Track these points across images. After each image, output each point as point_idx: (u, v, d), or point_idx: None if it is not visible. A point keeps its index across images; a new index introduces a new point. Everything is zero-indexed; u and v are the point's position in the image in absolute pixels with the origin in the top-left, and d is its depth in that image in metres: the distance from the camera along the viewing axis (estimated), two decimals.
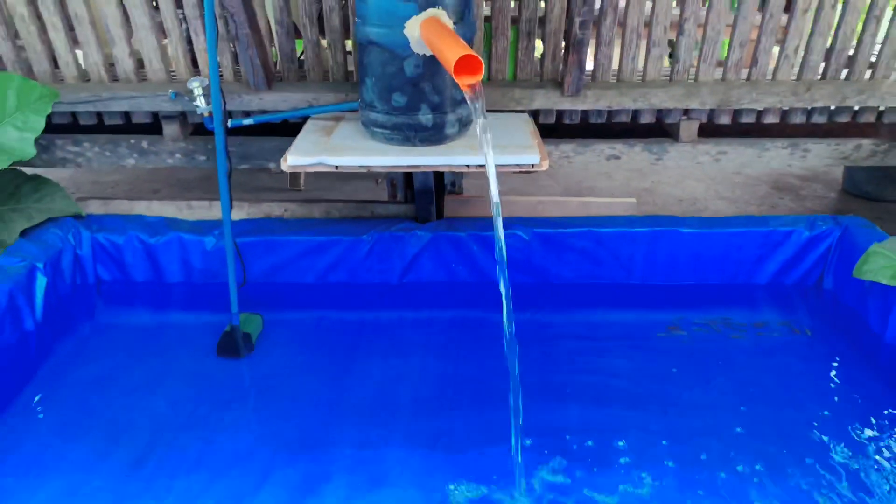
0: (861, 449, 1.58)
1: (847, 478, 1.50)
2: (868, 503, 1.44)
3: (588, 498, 1.45)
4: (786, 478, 1.50)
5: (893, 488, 1.47)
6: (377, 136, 1.83)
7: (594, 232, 2.21)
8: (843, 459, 1.56)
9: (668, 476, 1.50)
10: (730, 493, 1.46)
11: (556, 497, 1.46)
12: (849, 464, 1.54)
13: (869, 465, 1.54)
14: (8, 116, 1.93)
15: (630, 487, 1.48)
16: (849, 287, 2.12)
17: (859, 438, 1.62)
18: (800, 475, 1.50)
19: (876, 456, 1.57)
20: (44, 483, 1.50)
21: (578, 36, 1.99)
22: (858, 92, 2.21)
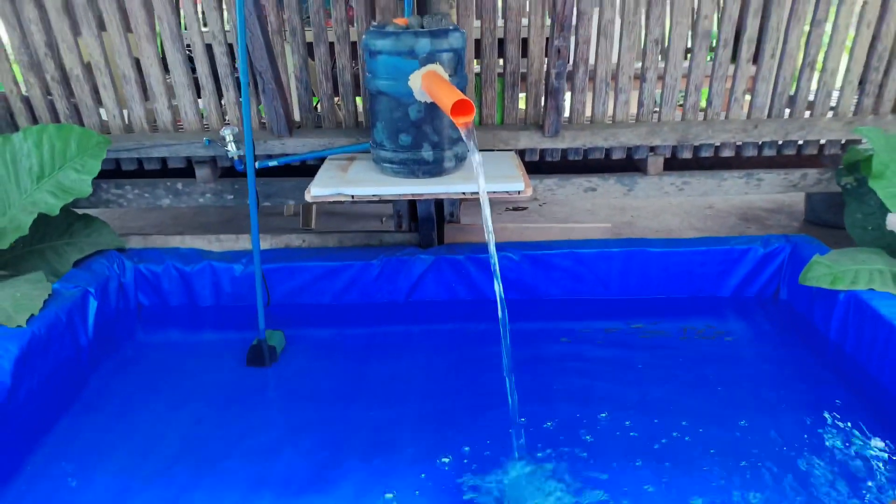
0: (813, 430, 1.83)
1: (801, 452, 1.75)
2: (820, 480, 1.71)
3: (573, 468, 1.71)
4: (749, 457, 1.73)
5: (839, 462, 1.72)
6: (387, 170, 2.15)
7: (575, 253, 2.51)
8: (799, 440, 1.79)
9: (637, 446, 1.77)
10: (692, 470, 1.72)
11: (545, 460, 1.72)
12: (804, 442, 1.79)
13: (820, 443, 1.79)
14: (69, 161, 2.25)
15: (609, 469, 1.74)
16: (800, 296, 2.42)
17: (813, 422, 1.86)
18: (761, 456, 1.74)
19: (824, 435, 1.82)
20: (96, 474, 1.73)
21: (555, 85, 2.33)
22: (800, 128, 2.56)
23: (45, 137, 2.26)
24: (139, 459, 1.78)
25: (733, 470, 1.69)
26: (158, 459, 1.78)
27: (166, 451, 1.81)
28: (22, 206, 2.23)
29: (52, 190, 2.24)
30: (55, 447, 1.83)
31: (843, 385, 2.03)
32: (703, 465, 1.71)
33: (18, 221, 2.21)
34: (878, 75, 2.53)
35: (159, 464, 1.76)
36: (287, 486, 1.68)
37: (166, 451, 1.81)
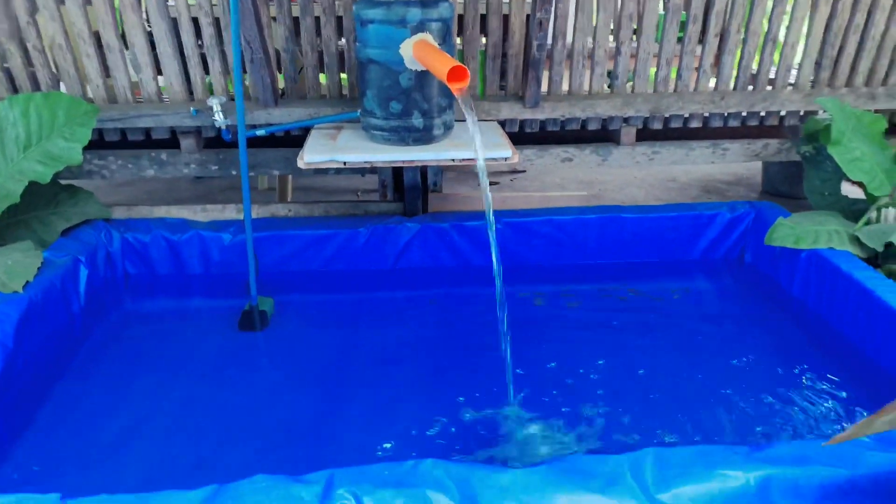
0: (780, 374, 1.99)
1: (768, 393, 1.90)
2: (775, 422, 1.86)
3: (561, 410, 1.83)
4: (722, 398, 1.87)
5: (801, 400, 1.88)
6: (377, 138, 2.22)
7: (554, 220, 2.62)
8: (767, 383, 1.94)
9: (623, 399, 1.89)
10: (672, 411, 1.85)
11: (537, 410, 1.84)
12: (772, 384, 1.94)
13: (786, 384, 1.94)
14: (57, 129, 2.25)
15: (594, 406, 1.86)
16: (764, 257, 2.58)
17: (779, 368, 2.02)
18: (734, 396, 1.89)
19: (789, 378, 1.98)
20: (101, 432, 1.76)
21: (535, 56, 2.43)
22: (763, 100, 2.72)
23: (31, 106, 2.25)
24: (139, 423, 1.80)
25: (710, 407, 1.84)
26: (158, 423, 1.81)
27: (165, 414, 1.85)
28: (9, 175, 2.23)
29: (40, 159, 2.23)
30: (56, 410, 1.85)
31: (805, 334, 2.20)
32: (682, 407, 1.84)
33: (7, 190, 2.20)
34: (834, 51, 2.70)
35: (159, 427, 1.79)
36: (289, 445, 1.73)
37: (165, 414, 1.84)
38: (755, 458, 1.32)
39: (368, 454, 1.69)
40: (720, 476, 1.28)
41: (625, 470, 1.28)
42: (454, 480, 1.26)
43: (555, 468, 1.28)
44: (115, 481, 1.61)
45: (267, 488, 1.25)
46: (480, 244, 2.61)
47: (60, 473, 1.63)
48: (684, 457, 1.32)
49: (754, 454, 1.33)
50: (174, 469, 1.65)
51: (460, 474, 1.27)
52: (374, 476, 1.27)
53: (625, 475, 1.27)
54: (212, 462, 1.67)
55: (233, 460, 1.68)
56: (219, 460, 1.68)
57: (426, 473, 1.28)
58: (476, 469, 1.28)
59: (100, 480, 1.61)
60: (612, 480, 1.26)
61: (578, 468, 1.28)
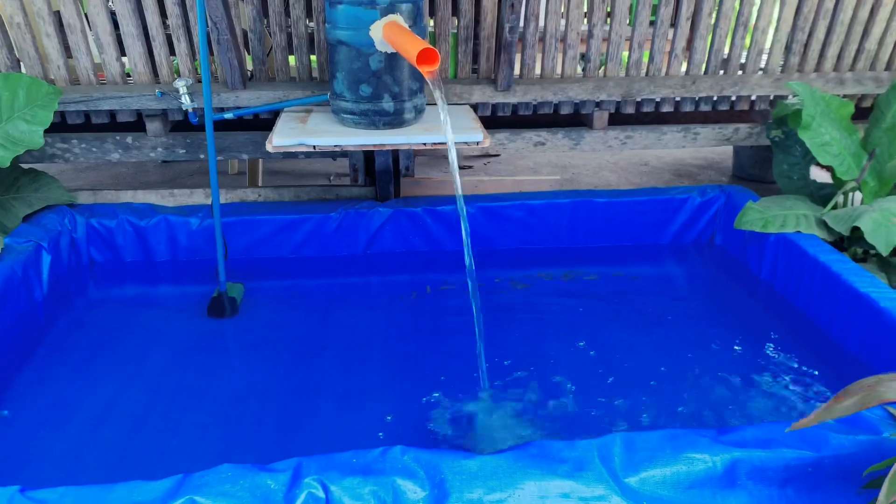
0: (746, 357, 2.02)
1: (736, 375, 1.93)
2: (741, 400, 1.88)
3: (531, 395, 1.83)
4: (691, 380, 1.90)
5: (768, 382, 1.90)
6: (347, 121, 2.19)
7: (527, 204, 2.62)
8: (734, 365, 1.97)
9: (593, 382, 1.90)
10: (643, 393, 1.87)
11: (507, 395, 1.84)
12: (739, 366, 1.97)
13: (753, 366, 1.97)
14: (18, 111, 2.18)
15: (564, 390, 1.87)
16: (733, 241, 2.61)
17: (746, 350, 2.05)
18: (701, 378, 1.91)
19: (756, 359, 2.01)
20: (63, 423, 1.72)
21: (508, 39, 2.41)
22: (733, 84, 2.73)
23: None
24: (104, 412, 1.77)
25: (678, 390, 1.86)
26: (124, 412, 1.77)
27: (131, 403, 1.81)
28: None
29: (0, 141, 2.17)
30: (16, 401, 1.81)
31: (773, 316, 2.23)
32: (651, 389, 1.86)
33: None
34: (804, 35, 2.71)
35: (124, 417, 1.75)
36: (258, 429, 1.72)
37: (131, 403, 1.80)
38: (722, 441, 1.33)
39: (338, 441, 1.68)
40: (687, 459, 1.29)
41: (593, 454, 1.29)
42: (423, 467, 1.26)
43: (523, 453, 1.28)
44: (80, 472, 1.58)
45: (233, 477, 1.23)
46: (453, 229, 2.59)
47: (23, 465, 1.60)
48: (652, 441, 1.33)
49: (721, 437, 1.34)
50: (139, 459, 1.62)
51: (429, 461, 1.27)
52: (342, 464, 1.27)
53: (593, 459, 1.28)
54: (178, 451, 1.65)
55: (200, 449, 1.65)
56: (186, 449, 1.65)
57: (395, 460, 1.27)
58: (444, 455, 1.28)
59: (64, 471, 1.58)
60: (581, 465, 1.26)
61: (546, 453, 1.29)
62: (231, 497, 1.19)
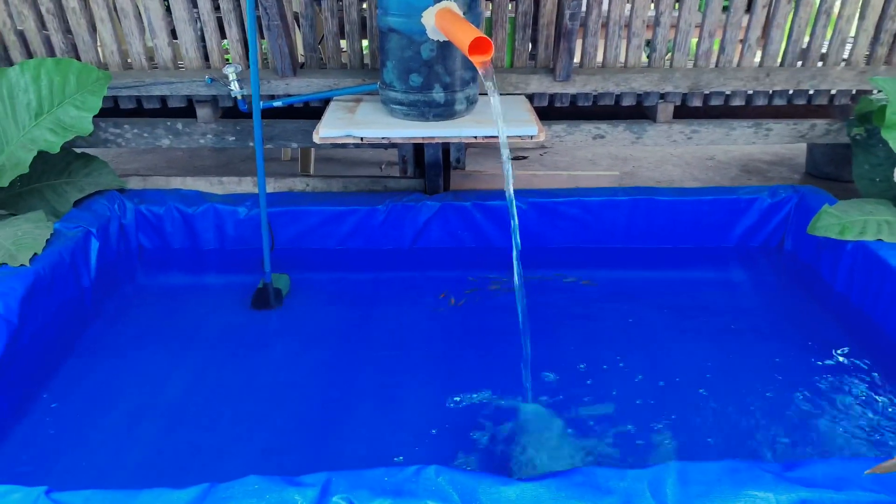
0: (818, 376, 1.86)
1: (805, 396, 1.78)
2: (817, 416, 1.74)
3: (579, 408, 1.73)
4: (754, 398, 1.76)
5: (842, 406, 1.75)
6: (396, 112, 2.11)
7: (582, 201, 2.49)
8: (804, 384, 1.82)
9: (648, 398, 1.78)
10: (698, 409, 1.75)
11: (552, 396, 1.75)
12: (808, 386, 1.82)
13: (824, 387, 1.82)
14: (68, 97, 2.18)
15: (616, 405, 1.76)
16: (805, 247, 2.43)
17: (818, 367, 1.89)
18: (766, 397, 1.77)
19: (829, 380, 1.85)
20: (103, 416, 1.71)
21: (569, 26, 2.28)
22: (812, 77, 2.53)
23: (42, 72, 2.18)
24: (146, 404, 1.77)
25: (741, 411, 1.72)
26: (166, 401, 1.77)
27: (174, 393, 1.81)
28: (21, 143, 2.17)
29: (51, 127, 2.17)
30: (61, 388, 1.82)
31: (847, 332, 2.05)
32: (712, 409, 1.73)
33: (17, 158, 2.15)
34: (894, 24, 2.49)
35: (164, 411, 1.75)
36: (297, 427, 1.69)
37: (170, 398, 1.80)
38: (788, 478, 1.21)
39: (375, 444, 1.63)
40: (748, 497, 1.18)
41: (644, 487, 1.19)
42: (458, 490, 1.18)
43: (567, 482, 1.19)
44: (115, 465, 1.57)
45: (259, 490, 1.18)
46: (503, 225, 2.50)
47: (60, 454, 1.59)
48: (709, 473, 1.22)
49: (787, 474, 1.22)
50: (175, 456, 1.60)
51: (465, 484, 1.19)
52: (372, 482, 1.20)
53: (644, 493, 1.18)
54: (214, 449, 1.62)
55: (236, 448, 1.63)
56: (222, 447, 1.63)
57: (428, 481, 1.20)
58: (482, 480, 1.19)
59: (99, 464, 1.57)
60: (629, 498, 1.17)
61: (592, 482, 1.19)
62: None
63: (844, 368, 1.89)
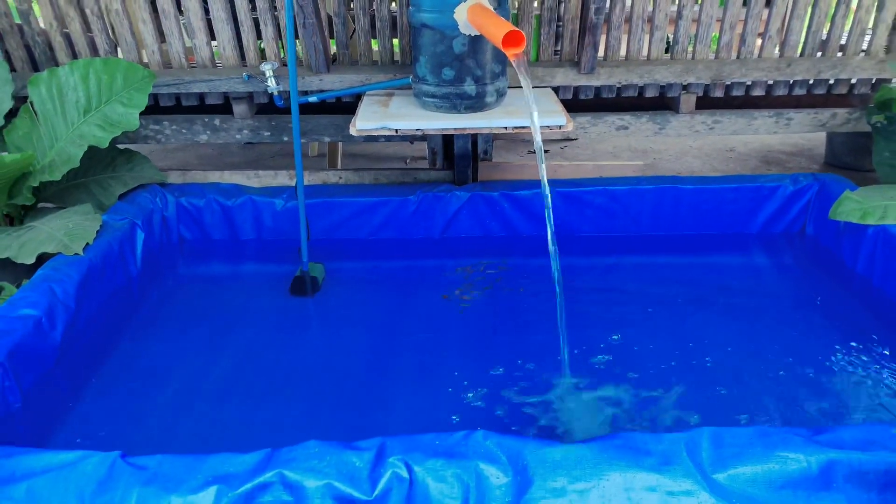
0: (842, 355, 1.91)
1: (829, 376, 1.84)
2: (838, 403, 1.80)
3: (614, 385, 1.80)
4: (778, 379, 1.81)
5: (867, 386, 1.81)
6: (428, 105, 2.19)
7: (608, 190, 2.56)
8: (829, 362, 1.88)
9: (677, 375, 1.84)
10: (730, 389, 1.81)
11: (588, 384, 1.82)
12: (833, 365, 1.87)
13: (848, 366, 1.87)
14: (116, 95, 2.28)
15: (647, 382, 1.83)
16: (826, 232, 2.48)
17: (841, 347, 1.94)
18: (790, 377, 1.82)
19: (851, 363, 1.91)
20: (157, 393, 1.80)
21: (593, 20, 2.35)
22: (832, 67, 2.58)
23: (91, 71, 2.28)
24: (196, 382, 1.85)
25: (766, 389, 1.78)
26: (212, 384, 1.85)
27: (221, 372, 1.89)
28: (70, 139, 2.27)
29: (99, 123, 2.27)
30: (116, 368, 1.91)
31: (869, 313, 2.10)
32: (739, 386, 1.79)
33: (68, 154, 2.25)
34: None
35: (213, 389, 1.83)
36: (341, 403, 1.76)
37: (218, 377, 1.88)
38: (817, 441, 1.28)
39: (417, 420, 1.70)
40: (779, 458, 1.24)
41: (681, 448, 1.26)
42: (505, 452, 1.25)
43: (608, 444, 1.26)
44: (172, 439, 1.65)
45: (320, 454, 1.26)
46: (531, 214, 2.57)
47: (119, 431, 1.68)
48: (741, 437, 1.29)
49: (816, 437, 1.29)
50: (227, 430, 1.68)
51: (512, 447, 1.26)
52: (424, 445, 1.28)
53: (680, 453, 1.25)
54: (263, 424, 1.70)
55: (283, 423, 1.70)
56: (270, 422, 1.70)
57: (477, 444, 1.28)
58: (528, 442, 1.27)
59: (157, 439, 1.66)
60: (668, 459, 1.24)
61: (632, 445, 1.26)
62: (318, 472, 1.22)
63: (866, 346, 1.94)
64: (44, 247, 2.05)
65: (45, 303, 1.83)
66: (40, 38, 2.51)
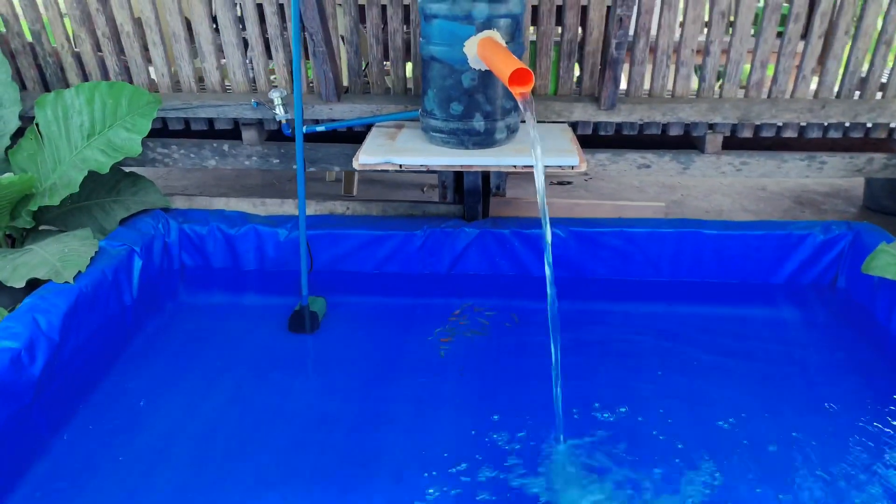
0: (871, 428, 1.76)
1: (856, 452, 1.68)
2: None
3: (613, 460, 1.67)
4: (801, 457, 1.66)
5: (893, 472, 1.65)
6: (435, 140, 2.10)
7: (625, 232, 2.44)
8: (856, 438, 1.72)
9: (686, 450, 1.70)
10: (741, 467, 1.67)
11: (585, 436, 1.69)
12: (860, 441, 1.71)
13: (877, 442, 1.72)
14: (120, 119, 2.24)
15: (651, 459, 1.69)
16: (860, 286, 2.32)
17: (871, 419, 1.78)
18: (814, 454, 1.67)
19: (884, 433, 1.75)
20: (136, 436, 1.73)
21: (615, 55, 2.24)
22: (870, 110, 2.43)
23: (96, 94, 2.25)
24: (179, 426, 1.78)
25: (787, 470, 1.63)
26: (196, 428, 1.78)
27: (207, 415, 1.82)
28: (72, 163, 2.24)
29: (102, 147, 2.23)
30: (99, 406, 1.85)
31: None
32: (755, 467, 1.64)
33: (69, 178, 2.21)
34: None
35: (197, 430, 1.76)
36: (325, 455, 1.68)
37: (207, 416, 1.81)
38: None
39: (404, 474, 1.62)
40: None
41: None
42: None
43: None
44: (148, 486, 1.58)
45: None
46: (542, 253, 2.45)
47: (94, 471, 1.61)
48: None
49: None
50: (206, 481, 1.60)
51: None
52: None
53: None
54: (244, 474, 1.62)
55: (266, 474, 1.62)
56: (252, 473, 1.62)
57: None
58: None
59: (133, 484, 1.58)
60: None
61: None
62: None
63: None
64: (35, 272, 2.01)
65: (27, 335, 1.78)
66: (52, 58, 2.49)
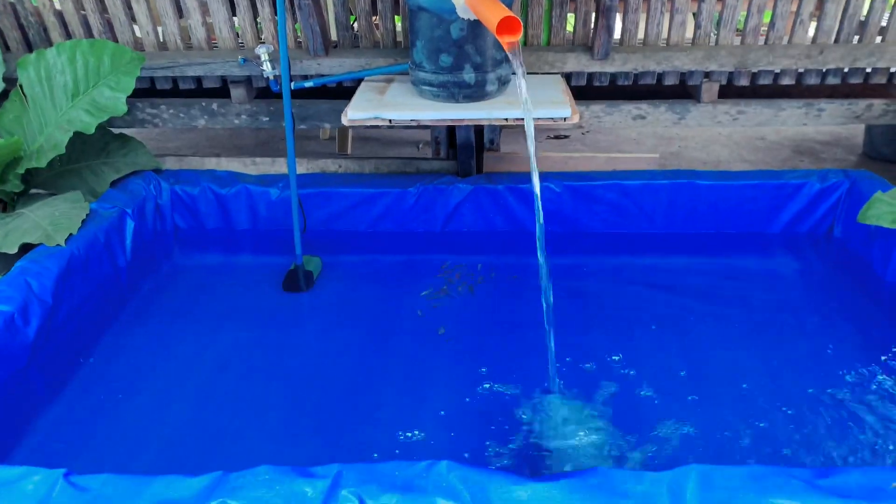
0: (864, 372, 1.76)
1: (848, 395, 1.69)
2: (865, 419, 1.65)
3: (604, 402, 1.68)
4: (792, 397, 1.68)
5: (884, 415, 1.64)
6: (425, 93, 2.06)
7: (620, 184, 2.41)
8: (851, 384, 1.73)
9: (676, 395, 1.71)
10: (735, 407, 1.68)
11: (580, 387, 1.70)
12: (852, 384, 1.72)
13: (869, 385, 1.72)
14: (103, 78, 2.20)
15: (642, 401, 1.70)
16: (856, 235, 2.31)
17: (865, 370, 1.77)
18: (806, 395, 1.69)
19: (877, 377, 1.75)
20: (133, 397, 1.74)
21: (608, 3, 2.19)
22: (869, 54, 2.38)
23: (78, 53, 2.21)
24: (177, 382, 1.80)
25: (776, 411, 1.64)
26: (195, 383, 1.79)
27: (203, 374, 1.83)
28: (57, 124, 2.21)
29: (86, 108, 2.20)
30: (95, 367, 1.85)
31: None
32: (744, 409, 1.65)
33: (55, 140, 2.18)
34: None
35: (198, 385, 1.78)
36: (323, 411, 1.69)
37: (203, 375, 1.82)
38: (819, 486, 1.15)
39: (400, 428, 1.62)
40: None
41: (662, 490, 1.14)
42: (469, 488, 1.15)
43: (581, 483, 1.15)
44: (143, 447, 1.59)
45: (270, 481, 1.18)
46: None
47: (92, 434, 1.62)
48: (733, 478, 1.16)
49: (818, 481, 1.16)
50: (200, 438, 1.62)
51: (476, 481, 1.16)
52: (382, 476, 1.18)
53: (661, 496, 1.13)
54: (239, 431, 1.63)
55: (261, 431, 1.64)
56: (247, 430, 1.64)
57: (439, 477, 1.18)
58: (493, 477, 1.16)
59: (128, 445, 1.60)
60: (647, 502, 1.12)
61: (608, 485, 1.15)
62: (264, 503, 1.13)
63: (893, 361, 1.79)
64: (27, 237, 2.00)
65: (20, 298, 1.78)
66: (34, 18, 2.44)
